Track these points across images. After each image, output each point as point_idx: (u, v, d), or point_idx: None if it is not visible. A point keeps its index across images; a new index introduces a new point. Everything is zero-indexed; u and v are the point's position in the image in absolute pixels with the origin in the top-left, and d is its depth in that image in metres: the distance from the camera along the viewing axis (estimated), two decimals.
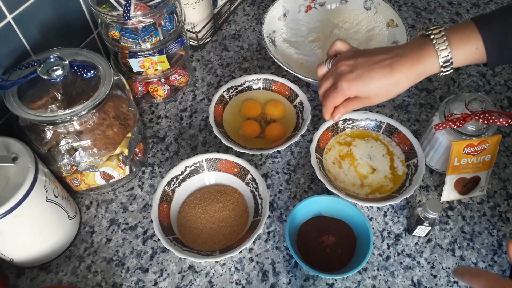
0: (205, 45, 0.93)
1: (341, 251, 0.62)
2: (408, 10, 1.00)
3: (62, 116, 0.57)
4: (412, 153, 0.70)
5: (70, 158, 0.62)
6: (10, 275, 0.63)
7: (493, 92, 0.85)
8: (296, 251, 0.61)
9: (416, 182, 0.66)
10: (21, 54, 0.66)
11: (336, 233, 0.63)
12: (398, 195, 0.65)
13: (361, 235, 0.62)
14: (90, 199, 0.71)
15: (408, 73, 0.56)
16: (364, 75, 0.58)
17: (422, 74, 0.57)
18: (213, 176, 0.69)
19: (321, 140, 0.72)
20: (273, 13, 0.88)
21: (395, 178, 0.70)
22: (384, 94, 0.59)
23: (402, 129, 0.72)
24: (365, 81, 0.58)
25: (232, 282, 0.62)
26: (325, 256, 0.62)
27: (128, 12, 0.66)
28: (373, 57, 0.59)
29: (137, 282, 0.62)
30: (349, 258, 0.62)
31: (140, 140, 0.72)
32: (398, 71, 0.57)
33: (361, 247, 0.61)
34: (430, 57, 0.56)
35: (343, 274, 0.58)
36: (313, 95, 0.84)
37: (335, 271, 0.60)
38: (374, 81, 0.58)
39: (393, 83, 0.57)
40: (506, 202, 0.70)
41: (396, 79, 0.57)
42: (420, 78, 0.57)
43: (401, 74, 0.57)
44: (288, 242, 0.59)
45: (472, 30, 0.54)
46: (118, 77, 0.66)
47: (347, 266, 0.61)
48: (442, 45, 0.55)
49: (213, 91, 0.85)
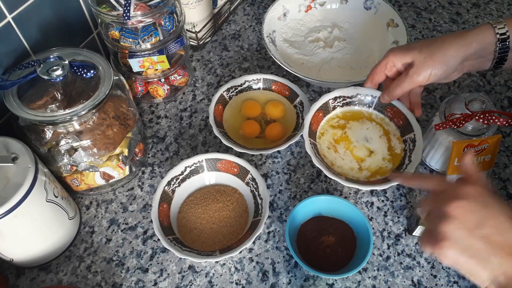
0: (205, 45, 0.93)
1: (341, 251, 0.62)
2: (408, 10, 1.00)
3: (62, 116, 0.57)
4: (407, 127, 0.68)
5: (70, 158, 0.62)
6: (10, 275, 0.63)
7: (493, 92, 0.84)
8: (296, 251, 0.61)
9: (416, 159, 0.64)
10: (21, 54, 0.66)
11: (336, 233, 0.63)
12: None
13: (361, 235, 0.62)
14: (90, 199, 0.71)
15: (457, 35, 0.59)
16: (411, 44, 0.62)
17: (474, 42, 0.57)
18: (213, 176, 0.69)
19: (312, 123, 0.69)
20: (273, 13, 0.88)
21: (394, 157, 0.68)
22: (427, 53, 0.59)
23: (395, 102, 0.69)
24: (410, 45, 0.60)
25: (232, 282, 0.62)
26: (325, 256, 0.62)
27: (128, 12, 0.66)
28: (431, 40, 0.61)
29: (137, 282, 0.62)
30: (349, 258, 0.61)
31: (140, 140, 0.72)
32: (446, 36, 0.60)
33: (361, 247, 0.61)
34: (486, 30, 0.58)
35: (343, 274, 0.58)
36: (313, 95, 0.84)
37: (335, 271, 0.60)
38: (419, 42, 0.61)
39: (438, 41, 0.59)
40: (506, 202, 0.70)
41: (442, 38, 0.59)
42: (470, 46, 0.58)
43: (450, 35, 0.60)
44: (288, 242, 0.59)
45: None
46: (118, 77, 0.65)
47: (347, 266, 0.61)
48: (499, 24, 0.57)
49: (213, 91, 0.85)
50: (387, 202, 0.70)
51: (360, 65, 0.85)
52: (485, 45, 0.57)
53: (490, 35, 0.57)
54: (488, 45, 0.57)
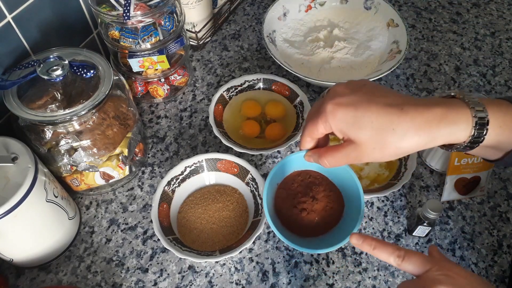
0: (205, 45, 0.93)
1: (327, 213, 0.52)
2: (408, 10, 1.00)
3: (61, 116, 0.57)
4: None
5: (69, 158, 0.61)
6: (10, 275, 0.63)
7: (493, 92, 0.84)
8: (276, 219, 0.52)
9: (412, 166, 0.65)
10: (21, 54, 0.66)
11: (320, 192, 0.53)
12: (397, 182, 0.65)
13: (349, 195, 0.52)
14: (90, 199, 0.71)
15: (423, 126, 0.39)
16: (361, 105, 0.41)
17: (439, 137, 0.40)
18: (213, 176, 0.69)
19: None
20: (273, 12, 0.88)
21: (389, 164, 0.69)
22: (379, 144, 0.40)
23: None
24: (358, 112, 0.40)
25: (232, 282, 0.62)
26: (306, 220, 0.52)
27: (127, 12, 0.66)
28: (382, 91, 0.42)
29: (137, 282, 0.62)
30: (337, 220, 0.52)
31: (140, 140, 0.72)
32: (410, 116, 0.39)
33: (350, 209, 0.51)
34: (460, 116, 0.40)
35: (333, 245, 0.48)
36: (313, 95, 0.84)
37: (319, 235, 0.52)
38: (371, 116, 0.40)
39: (398, 131, 0.39)
40: (506, 202, 0.70)
41: (403, 127, 0.39)
42: (434, 143, 0.40)
43: (413, 123, 0.39)
44: (266, 211, 0.49)
45: (508, 105, 0.41)
46: (117, 77, 0.65)
47: (334, 229, 0.52)
48: (477, 106, 0.40)
49: (213, 91, 0.85)
50: (387, 202, 0.70)
51: (360, 65, 0.85)
52: (453, 141, 0.41)
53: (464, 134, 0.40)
54: (457, 141, 0.41)
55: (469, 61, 0.90)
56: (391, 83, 0.86)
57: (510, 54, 0.91)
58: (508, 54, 0.91)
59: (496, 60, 0.90)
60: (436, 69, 0.89)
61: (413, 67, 0.89)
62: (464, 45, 0.93)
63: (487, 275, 0.62)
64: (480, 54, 0.91)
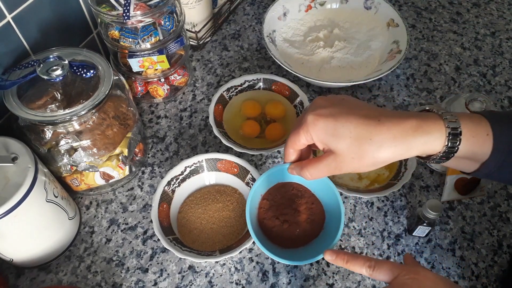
0: (205, 44, 0.93)
1: (308, 225, 0.53)
2: (408, 10, 1.00)
3: (61, 116, 0.57)
4: None
5: (69, 158, 0.61)
6: (10, 275, 0.63)
7: (493, 92, 0.84)
8: (258, 230, 0.53)
9: (412, 166, 0.65)
10: (21, 54, 0.66)
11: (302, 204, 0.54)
12: (397, 182, 0.65)
13: (329, 208, 0.53)
14: (90, 199, 0.71)
15: (399, 136, 0.41)
16: (340, 116, 0.43)
17: (415, 147, 0.42)
18: (213, 176, 0.69)
19: None
20: (273, 12, 0.88)
21: (390, 164, 0.67)
22: (357, 154, 0.42)
23: None
24: (338, 123, 0.42)
25: (232, 282, 0.62)
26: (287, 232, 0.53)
27: (127, 12, 0.66)
28: (360, 104, 0.45)
29: (137, 282, 0.62)
30: (317, 233, 0.53)
31: (139, 140, 0.72)
32: (386, 127, 0.41)
33: (331, 221, 0.52)
34: (434, 127, 0.42)
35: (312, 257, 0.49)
36: (313, 95, 0.84)
37: (299, 246, 0.52)
38: (350, 126, 0.42)
39: (375, 140, 0.41)
40: (506, 202, 0.70)
41: (380, 137, 0.41)
42: (410, 153, 0.42)
43: (389, 133, 0.41)
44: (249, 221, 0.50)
45: (480, 117, 0.43)
46: (117, 77, 0.65)
47: (314, 241, 0.52)
48: (450, 117, 0.42)
49: (213, 91, 0.85)
50: (387, 202, 0.70)
51: (360, 65, 0.85)
52: (429, 151, 0.43)
53: (438, 144, 0.42)
54: (432, 151, 0.43)
55: (469, 61, 0.90)
56: (391, 83, 0.86)
57: (510, 54, 0.91)
58: (508, 54, 0.91)
59: (496, 60, 0.90)
60: (436, 69, 0.88)
61: (413, 67, 0.89)
62: (464, 45, 0.93)
63: (487, 275, 0.62)
64: (480, 54, 0.91)
